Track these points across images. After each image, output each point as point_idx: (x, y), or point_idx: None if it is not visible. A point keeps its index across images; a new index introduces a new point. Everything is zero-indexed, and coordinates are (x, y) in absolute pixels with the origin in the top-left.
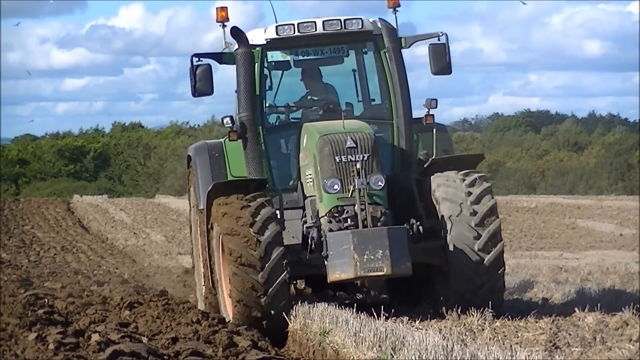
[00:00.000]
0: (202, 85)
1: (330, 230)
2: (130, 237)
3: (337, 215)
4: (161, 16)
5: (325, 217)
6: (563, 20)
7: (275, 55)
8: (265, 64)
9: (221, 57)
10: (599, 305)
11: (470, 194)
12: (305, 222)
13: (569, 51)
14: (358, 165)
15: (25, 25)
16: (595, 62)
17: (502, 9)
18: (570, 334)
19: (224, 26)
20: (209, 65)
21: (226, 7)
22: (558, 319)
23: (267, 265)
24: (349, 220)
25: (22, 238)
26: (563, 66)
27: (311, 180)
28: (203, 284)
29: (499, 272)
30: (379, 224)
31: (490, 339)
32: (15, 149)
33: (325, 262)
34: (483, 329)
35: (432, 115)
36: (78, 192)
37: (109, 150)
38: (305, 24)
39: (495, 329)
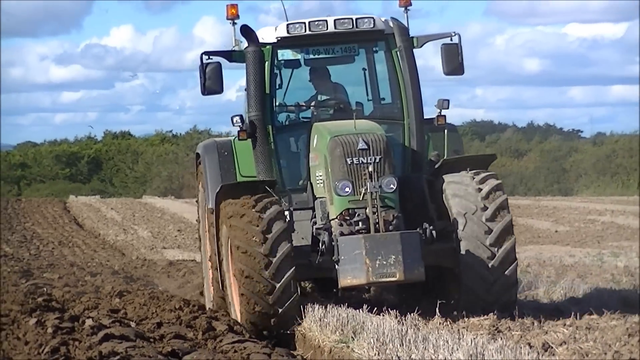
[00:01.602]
0: (211, 83)
1: (342, 233)
2: (120, 233)
3: (348, 218)
4: (148, 36)
5: (336, 219)
6: (506, 41)
7: (285, 54)
8: (275, 63)
9: (231, 55)
10: (536, 293)
11: (480, 190)
12: (315, 223)
13: (510, 68)
14: (370, 168)
15: (26, 44)
16: (534, 78)
17: (452, 31)
18: (511, 320)
19: (233, 24)
20: (219, 64)
21: (236, 5)
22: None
23: (277, 287)
24: (360, 223)
25: (24, 234)
26: (506, 81)
27: (321, 181)
28: (211, 283)
29: (511, 266)
30: (390, 227)
31: (440, 324)
32: (17, 155)
33: (336, 267)
34: (434, 315)
35: (444, 115)
36: (73, 193)
37: (101, 156)
38: (317, 22)
39: (444, 315)
